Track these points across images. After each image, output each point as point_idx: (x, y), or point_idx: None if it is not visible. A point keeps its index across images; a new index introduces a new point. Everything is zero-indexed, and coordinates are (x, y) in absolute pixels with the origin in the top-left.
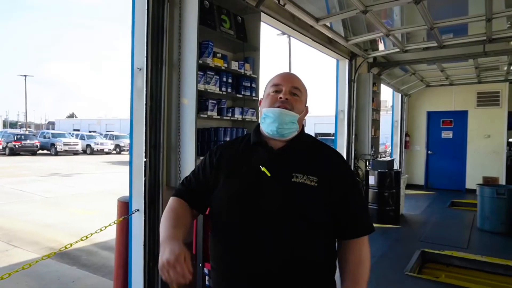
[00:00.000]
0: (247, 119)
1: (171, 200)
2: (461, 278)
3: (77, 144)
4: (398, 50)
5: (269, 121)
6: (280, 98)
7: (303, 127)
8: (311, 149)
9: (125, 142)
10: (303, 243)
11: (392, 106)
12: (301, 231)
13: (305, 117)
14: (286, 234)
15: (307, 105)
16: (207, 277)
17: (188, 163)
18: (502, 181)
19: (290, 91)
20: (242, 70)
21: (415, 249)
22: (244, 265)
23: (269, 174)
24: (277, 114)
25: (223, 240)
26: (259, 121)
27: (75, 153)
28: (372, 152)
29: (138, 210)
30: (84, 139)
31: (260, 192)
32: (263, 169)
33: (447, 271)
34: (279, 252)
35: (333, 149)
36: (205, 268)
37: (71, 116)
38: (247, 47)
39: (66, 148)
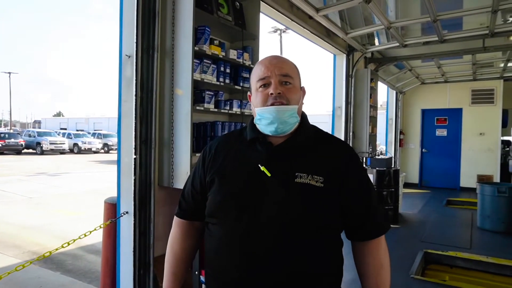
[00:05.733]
0: (246, 113)
1: (173, 226)
2: (467, 280)
3: (63, 143)
4: (397, 44)
5: (266, 122)
6: (271, 94)
7: (304, 115)
8: (315, 143)
9: (113, 141)
10: (308, 249)
11: (387, 104)
12: (306, 236)
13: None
14: (289, 239)
15: (302, 86)
16: (203, 286)
17: (183, 160)
18: (497, 178)
19: (281, 81)
20: (241, 60)
21: (417, 250)
22: (240, 274)
23: (269, 174)
24: (274, 114)
25: (217, 244)
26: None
27: (62, 152)
28: (370, 149)
29: (127, 212)
30: (71, 138)
31: (260, 194)
32: (262, 168)
33: (451, 272)
34: (281, 260)
35: (340, 141)
36: (201, 276)
37: (58, 114)
38: (246, 35)
39: (53, 147)
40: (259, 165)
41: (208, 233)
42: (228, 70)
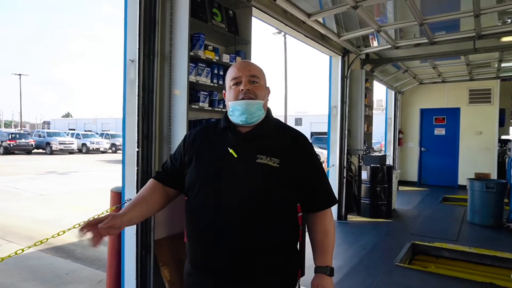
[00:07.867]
0: None
1: (147, 182)
2: (449, 269)
3: (72, 143)
4: (389, 46)
5: (237, 113)
6: (242, 90)
7: (268, 109)
8: (275, 132)
9: (120, 141)
10: (267, 218)
11: (386, 103)
12: (265, 207)
13: (289, 110)
14: (251, 210)
15: (267, 86)
16: None
17: None
18: (494, 176)
19: (249, 80)
20: (234, 63)
21: (406, 242)
22: (211, 242)
23: (235, 155)
24: (244, 106)
25: (194, 210)
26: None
27: (71, 152)
28: (365, 147)
29: (130, 199)
30: (79, 138)
31: (227, 172)
32: (230, 151)
33: (436, 262)
34: (245, 227)
35: (296, 131)
36: None
37: (67, 115)
38: (238, 40)
39: (62, 147)
40: (228, 148)
41: (187, 204)
42: (221, 73)
